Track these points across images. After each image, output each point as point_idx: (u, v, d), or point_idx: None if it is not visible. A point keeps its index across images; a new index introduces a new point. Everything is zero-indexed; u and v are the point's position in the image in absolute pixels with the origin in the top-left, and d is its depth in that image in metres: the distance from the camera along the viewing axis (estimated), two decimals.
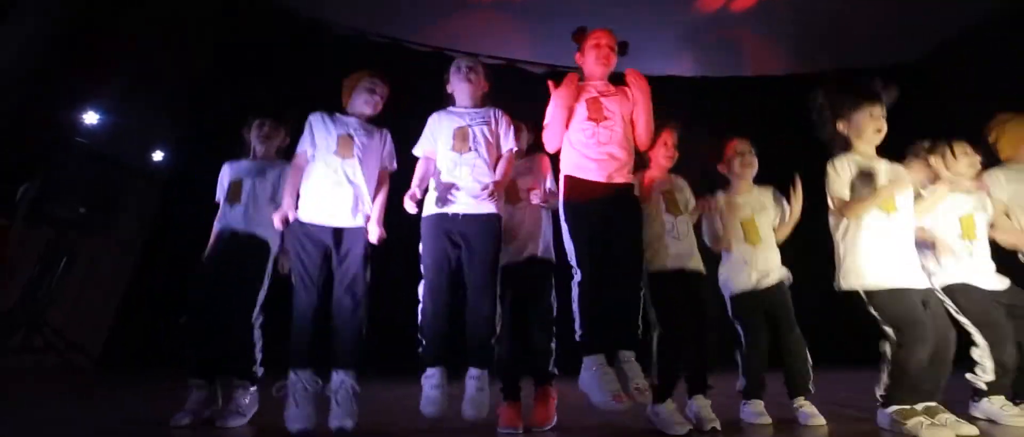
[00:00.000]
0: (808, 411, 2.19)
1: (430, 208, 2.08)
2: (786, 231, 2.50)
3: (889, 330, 2.01)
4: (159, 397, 2.33)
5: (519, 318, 2.21)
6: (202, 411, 2.17)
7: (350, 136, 2.20)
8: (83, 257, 4.44)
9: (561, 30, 2.44)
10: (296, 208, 2.12)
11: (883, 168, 2.12)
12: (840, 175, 2.11)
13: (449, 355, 1.96)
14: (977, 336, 2.26)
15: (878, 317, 2.04)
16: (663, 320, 2.18)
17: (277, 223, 2.07)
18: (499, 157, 2.19)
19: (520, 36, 5.66)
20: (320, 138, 2.20)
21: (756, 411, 2.26)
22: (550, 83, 2.22)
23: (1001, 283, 2.32)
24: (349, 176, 2.15)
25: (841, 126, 2.16)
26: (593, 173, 2.06)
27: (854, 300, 2.11)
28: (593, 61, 2.20)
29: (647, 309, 2.15)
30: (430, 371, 1.92)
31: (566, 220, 2.06)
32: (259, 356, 2.27)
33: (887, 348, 2.03)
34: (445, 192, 2.08)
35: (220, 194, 2.47)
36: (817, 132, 2.24)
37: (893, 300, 2.00)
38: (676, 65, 5.91)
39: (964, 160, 2.42)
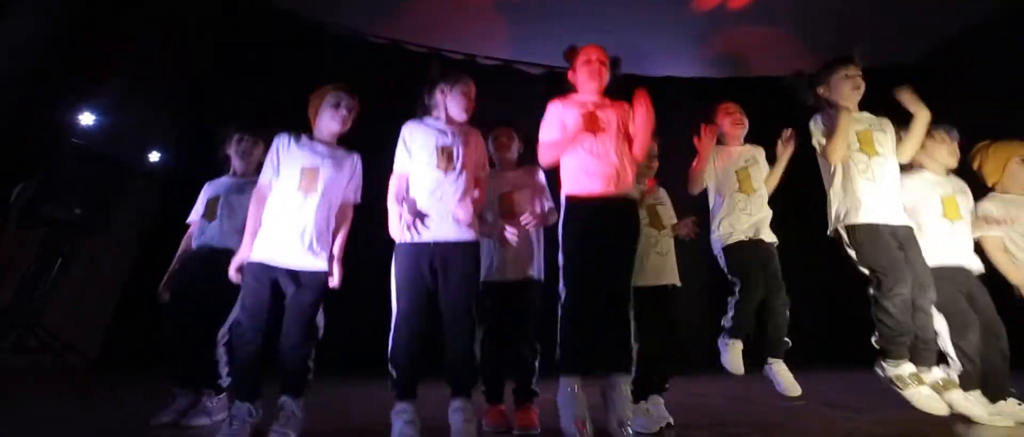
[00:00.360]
0: (778, 369, 2.30)
1: (405, 234, 1.98)
2: (774, 179, 2.60)
3: (866, 270, 2.13)
4: (158, 397, 2.33)
5: (505, 331, 2.21)
6: (183, 415, 2.24)
7: (315, 170, 2.07)
8: (82, 257, 4.44)
9: (559, 30, 2.45)
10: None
11: (866, 117, 2.32)
12: (821, 124, 2.32)
13: (418, 385, 1.92)
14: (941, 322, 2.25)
15: (854, 257, 2.16)
16: (642, 330, 2.17)
17: (233, 274, 2.01)
18: (477, 178, 2.11)
19: (518, 37, 5.66)
20: (284, 169, 2.08)
21: (732, 350, 2.35)
22: (559, 102, 2.19)
23: (977, 267, 2.35)
24: (309, 215, 2.02)
25: (822, 92, 2.36)
26: (593, 186, 2.04)
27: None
28: (585, 77, 2.20)
29: None
30: (401, 406, 1.87)
31: (563, 239, 2.03)
32: (224, 369, 2.30)
33: (871, 291, 2.13)
34: (424, 216, 1.98)
35: (195, 214, 2.51)
36: (803, 103, 2.41)
37: (870, 236, 2.13)
38: (675, 66, 5.92)
39: (943, 148, 2.44)
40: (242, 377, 1.99)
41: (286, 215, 2.03)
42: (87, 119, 4.40)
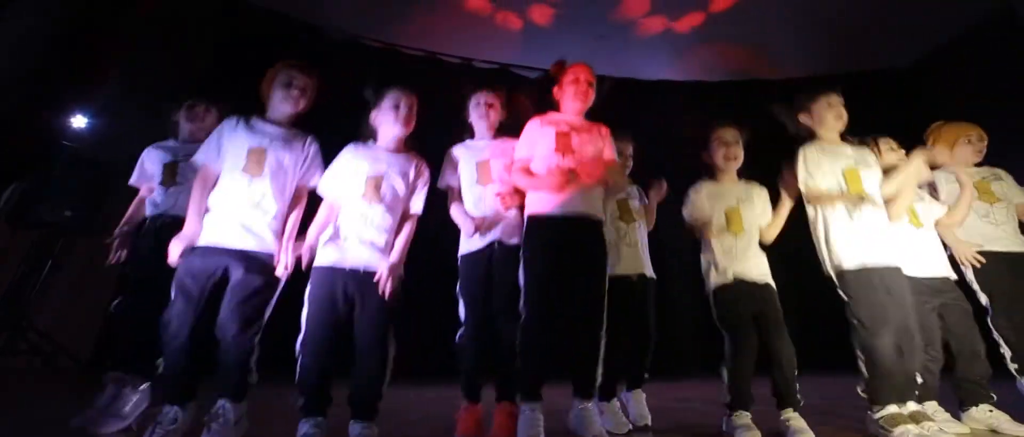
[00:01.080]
0: (796, 426, 2.03)
1: (323, 258, 1.95)
2: (775, 227, 2.35)
3: (855, 317, 2.08)
4: (154, 398, 2.29)
5: (488, 315, 2.10)
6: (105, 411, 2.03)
7: (263, 150, 1.96)
8: (73, 259, 4.40)
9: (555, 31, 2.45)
10: (199, 234, 1.88)
11: (848, 152, 2.24)
12: (806, 164, 2.22)
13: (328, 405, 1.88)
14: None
15: (846, 300, 2.11)
16: (608, 325, 2.17)
17: (173, 258, 1.82)
18: (406, 212, 2.07)
19: (514, 40, 5.66)
20: (230, 150, 1.96)
21: (741, 424, 2.08)
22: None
23: (947, 273, 2.41)
24: (257, 198, 1.92)
25: (804, 119, 2.30)
26: (557, 206, 2.01)
27: (837, 300, 2.16)
28: (571, 96, 2.18)
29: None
30: (311, 421, 1.83)
31: (524, 257, 1.99)
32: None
33: (855, 339, 2.09)
34: (343, 241, 1.96)
35: (143, 177, 2.36)
36: (786, 129, 2.37)
37: (858, 280, 2.08)
38: (672, 69, 5.93)
39: (891, 156, 2.46)
40: (171, 376, 1.80)
41: (232, 198, 1.91)
42: (79, 122, 4.37)
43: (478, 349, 2.11)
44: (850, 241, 2.12)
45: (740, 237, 2.27)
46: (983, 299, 2.42)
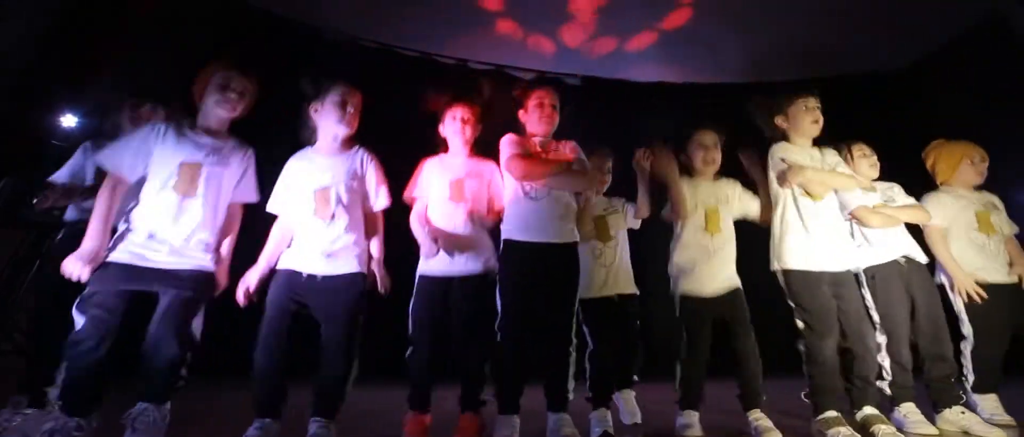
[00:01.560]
0: (763, 426, 2.08)
1: (284, 262, 1.93)
2: (766, 207, 2.33)
3: (800, 319, 2.09)
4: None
5: (445, 329, 2.10)
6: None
7: (197, 166, 1.77)
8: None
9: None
10: (105, 249, 1.69)
11: (816, 156, 2.25)
12: (773, 157, 2.24)
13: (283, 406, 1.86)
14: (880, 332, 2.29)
15: (792, 302, 2.13)
16: (594, 338, 2.42)
17: (77, 277, 1.63)
18: (369, 210, 2.02)
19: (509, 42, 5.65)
20: (157, 163, 1.77)
21: (687, 422, 2.16)
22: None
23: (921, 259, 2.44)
24: (189, 221, 1.76)
25: (780, 121, 2.30)
26: (532, 234, 2.06)
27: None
28: (536, 121, 2.20)
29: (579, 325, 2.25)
30: (259, 423, 1.80)
31: (500, 280, 2.04)
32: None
33: (801, 343, 2.10)
34: (298, 248, 1.92)
35: (73, 178, 2.17)
36: (762, 130, 2.38)
37: (804, 283, 2.10)
38: (667, 71, 5.93)
39: (864, 162, 2.49)
40: (75, 387, 1.62)
41: (160, 219, 1.73)
42: (69, 121, 4.34)
43: (426, 366, 2.09)
44: (802, 244, 2.14)
45: (715, 238, 2.29)
46: (966, 329, 2.42)
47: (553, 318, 2.01)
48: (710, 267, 2.25)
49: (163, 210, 1.74)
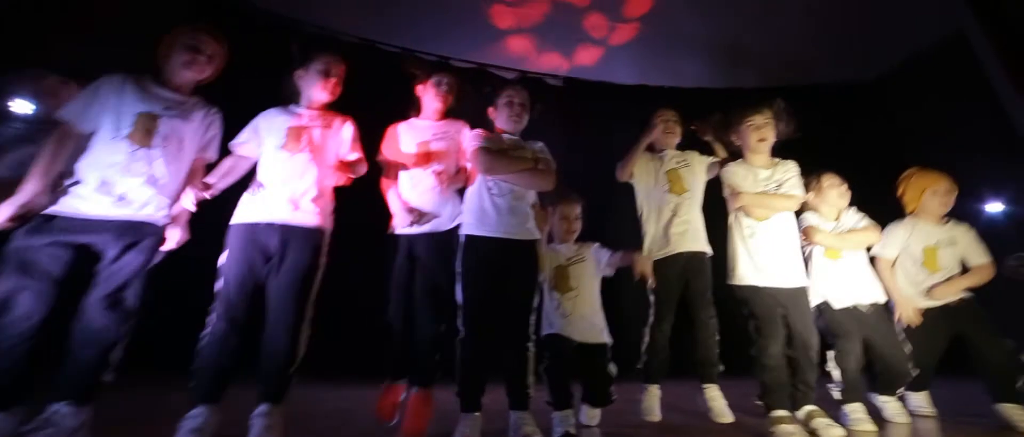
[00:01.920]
0: (709, 395, 2.34)
1: (242, 216, 1.89)
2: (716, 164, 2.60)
3: (752, 327, 2.22)
4: (149, 399, 2.23)
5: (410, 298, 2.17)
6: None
7: (155, 117, 1.70)
8: None
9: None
10: (48, 196, 1.57)
11: (765, 176, 2.34)
12: (724, 178, 2.41)
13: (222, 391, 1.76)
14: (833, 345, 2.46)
15: (745, 312, 2.25)
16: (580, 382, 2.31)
17: (2, 221, 1.49)
18: (341, 162, 2.03)
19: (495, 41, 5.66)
20: (110, 112, 1.68)
21: (649, 403, 2.44)
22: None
23: (866, 298, 2.53)
24: (140, 169, 1.67)
25: (734, 138, 2.45)
26: (492, 228, 2.08)
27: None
28: (505, 118, 2.24)
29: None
30: (197, 410, 1.68)
31: (461, 275, 2.06)
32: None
33: (752, 349, 2.21)
34: (263, 197, 1.88)
35: None
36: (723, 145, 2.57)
37: (754, 296, 2.23)
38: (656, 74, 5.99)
39: (833, 192, 2.60)
40: (5, 374, 1.43)
41: (107, 165, 1.64)
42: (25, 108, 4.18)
43: (404, 328, 2.16)
44: (746, 263, 2.27)
45: (682, 197, 2.56)
46: (907, 345, 2.57)
47: (512, 314, 2.04)
48: (678, 219, 2.57)
49: (115, 159, 1.66)
